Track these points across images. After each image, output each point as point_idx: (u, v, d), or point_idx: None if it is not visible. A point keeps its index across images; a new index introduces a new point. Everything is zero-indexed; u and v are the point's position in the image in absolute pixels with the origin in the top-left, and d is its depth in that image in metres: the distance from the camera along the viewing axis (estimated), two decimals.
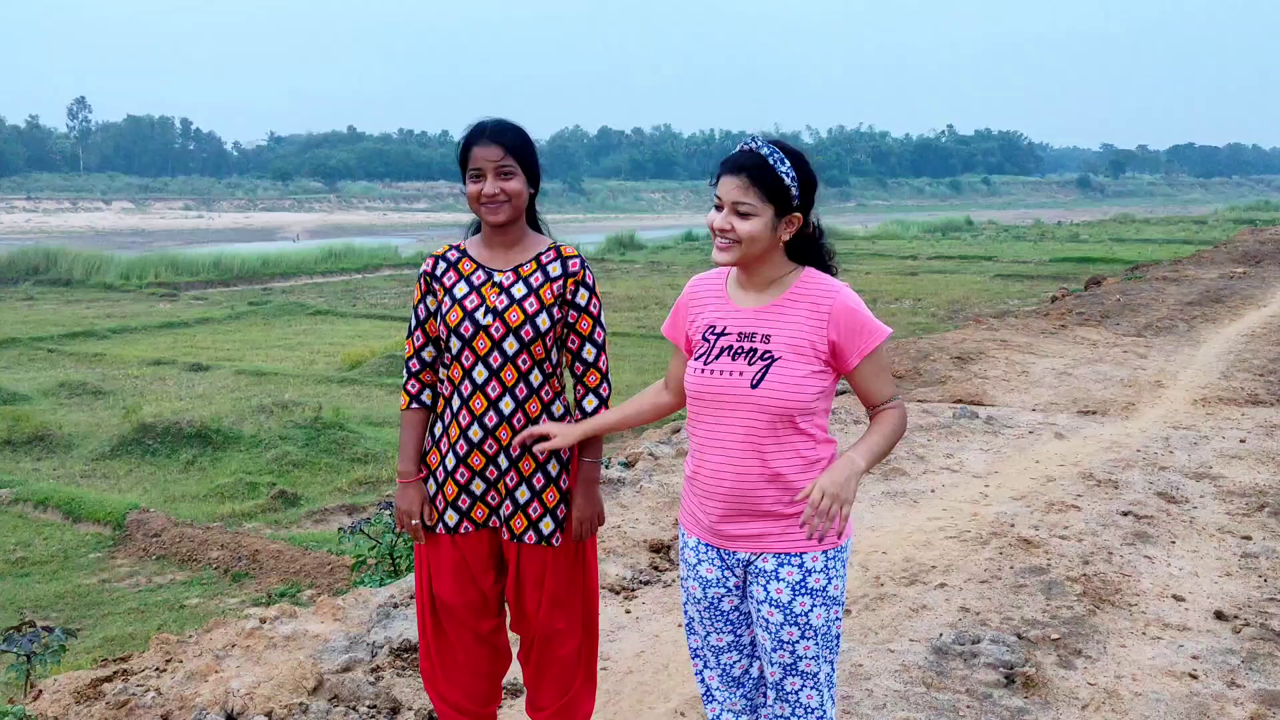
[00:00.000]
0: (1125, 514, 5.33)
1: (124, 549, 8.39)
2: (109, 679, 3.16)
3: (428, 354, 2.75)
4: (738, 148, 2.32)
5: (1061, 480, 5.94)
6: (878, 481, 5.86)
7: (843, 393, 8.31)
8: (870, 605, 4.09)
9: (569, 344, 2.73)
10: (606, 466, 6.04)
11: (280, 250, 32.67)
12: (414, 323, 2.76)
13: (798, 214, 2.32)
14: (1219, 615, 4.15)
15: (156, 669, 3.17)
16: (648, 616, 4.03)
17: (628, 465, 6.10)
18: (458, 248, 2.77)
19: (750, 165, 2.26)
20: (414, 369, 2.76)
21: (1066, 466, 6.26)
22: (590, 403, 2.73)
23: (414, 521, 2.71)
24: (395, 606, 3.77)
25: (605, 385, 2.76)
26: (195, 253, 30.03)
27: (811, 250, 2.39)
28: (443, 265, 2.74)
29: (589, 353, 2.73)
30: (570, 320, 2.70)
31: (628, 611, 4.05)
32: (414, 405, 2.77)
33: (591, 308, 2.72)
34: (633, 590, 4.22)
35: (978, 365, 9.51)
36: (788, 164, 2.28)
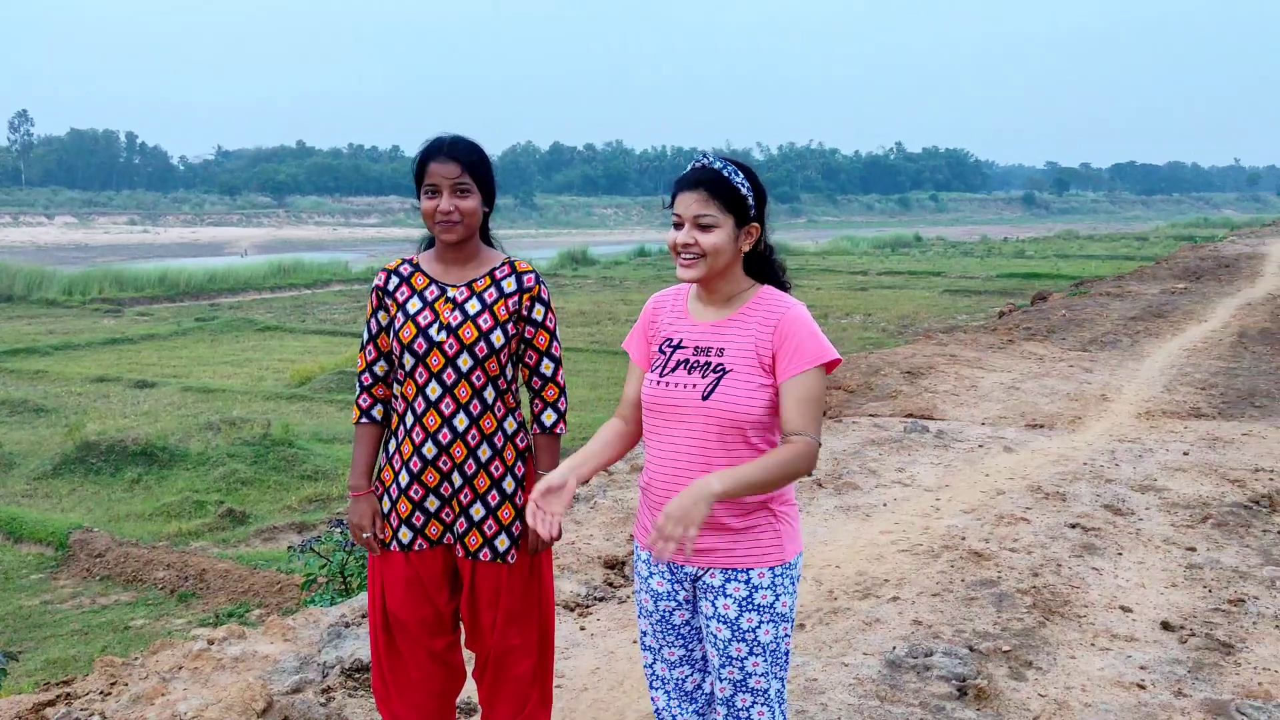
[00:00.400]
0: (1073, 526, 5.42)
1: (67, 569, 8.21)
2: (51, 703, 3.07)
3: (380, 368, 2.73)
4: (690, 165, 2.36)
5: (1011, 493, 6.02)
6: (830, 495, 5.90)
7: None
8: (824, 619, 4.11)
9: (526, 359, 2.72)
10: None
11: (228, 265, 32.27)
12: (366, 337, 2.74)
13: (755, 224, 2.35)
14: (1165, 626, 4.22)
15: (101, 692, 3.09)
16: (603, 633, 4.00)
17: (583, 482, 6.07)
18: (410, 261, 2.76)
19: (707, 179, 2.30)
20: (366, 383, 2.74)
21: (1015, 479, 6.35)
22: (549, 417, 2.73)
23: (365, 535, 2.68)
24: (346, 626, 3.71)
25: (563, 399, 2.77)
26: (140, 268, 29.56)
27: (764, 266, 2.42)
28: (395, 280, 2.72)
29: (546, 367, 2.73)
30: (527, 336, 2.70)
31: (583, 628, 4.02)
32: (365, 420, 2.75)
33: (548, 323, 2.72)
34: (588, 607, 4.19)
35: (928, 380, 9.61)
36: (741, 175, 2.32)
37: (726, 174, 2.30)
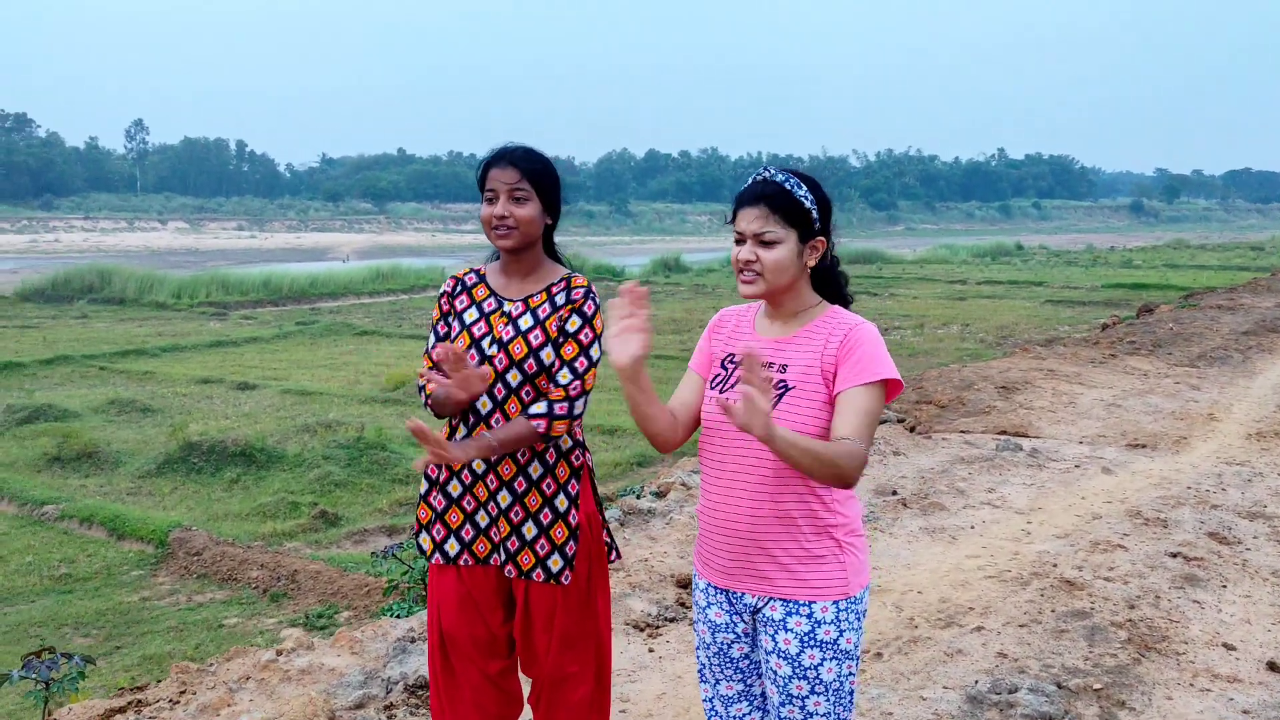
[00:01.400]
0: (1174, 555, 5.17)
1: (166, 567, 8.46)
2: (122, 710, 3.14)
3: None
4: (752, 178, 2.28)
5: (1108, 518, 5.78)
6: (915, 516, 5.73)
7: (882, 422, 8.19)
8: (903, 649, 3.97)
9: (551, 366, 2.58)
10: (638, 496, 5.97)
11: (329, 270, 33.07)
12: (432, 340, 2.72)
13: (821, 238, 2.28)
14: (1272, 666, 3.98)
15: (170, 700, 3.15)
16: (671, 656, 3.93)
17: (659, 495, 6.01)
18: (477, 271, 2.74)
19: (769, 194, 2.22)
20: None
21: (1113, 503, 6.09)
22: (538, 407, 2.54)
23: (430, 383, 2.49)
24: (413, 640, 3.71)
25: (563, 406, 2.54)
26: (245, 272, 30.48)
27: (833, 284, 2.34)
28: (460, 288, 2.71)
29: (564, 376, 2.56)
30: (557, 342, 2.60)
31: (650, 650, 3.94)
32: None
33: (582, 336, 2.59)
34: (657, 628, 4.11)
35: (1023, 395, 9.32)
36: (804, 188, 2.24)
37: (789, 187, 2.22)
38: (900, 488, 6.23)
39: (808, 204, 2.23)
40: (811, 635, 2.20)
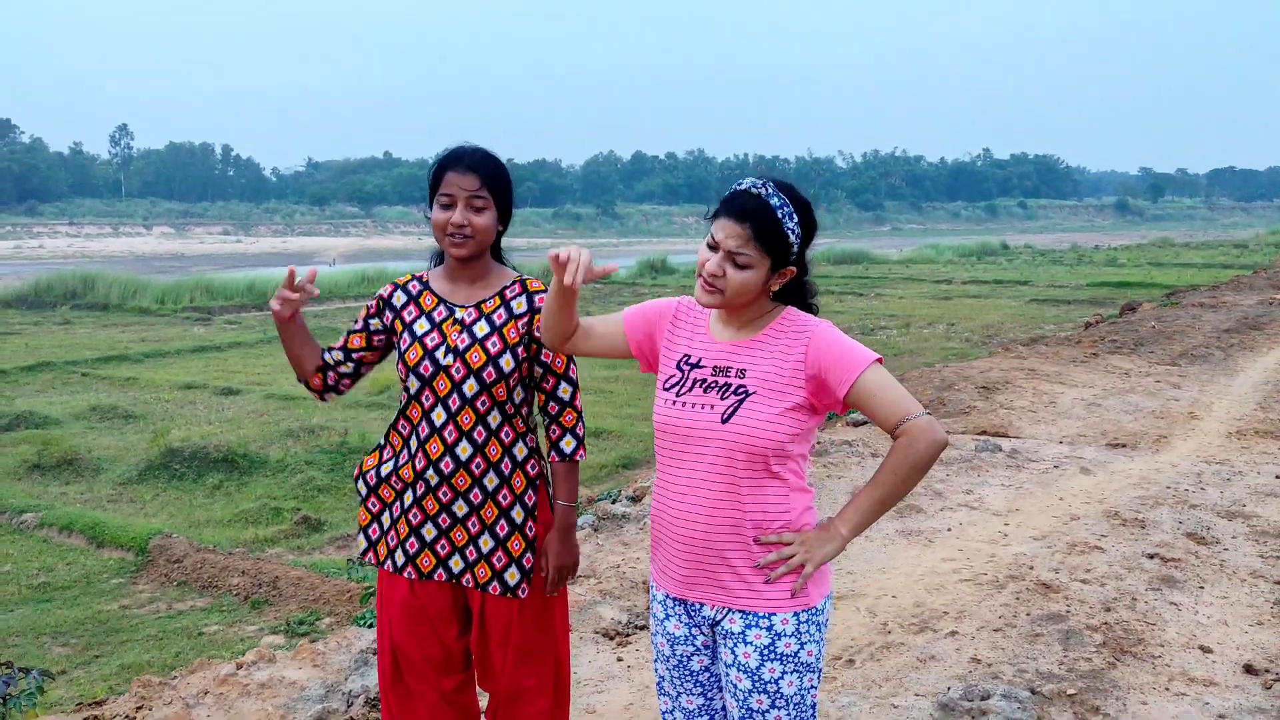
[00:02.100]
0: (1151, 556, 5.17)
1: (146, 574, 8.40)
2: None
3: (336, 355, 2.65)
4: (742, 186, 2.17)
5: (1085, 519, 5.78)
6: (891, 519, 5.72)
7: (860, 423, 8.18)
8: (875, 655, 3.96)
9: (543, 384, 2.60)
10: (613, 501, 5.95)
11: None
12: (354, 327, 2.68)
13: (792, 268, 2.21)
14: (1249, 669, 3.98)
15: (127, 716, 3.11)
16: (640, 665, 3.88)
17: (634, 500, 5.99)
18: (420, 279, 2.67)
19: (756, 215, 2.11)
20: (333, 349, 2.67)
21: (1092, 504, 6.09)
22: (568, 443, 2.61)
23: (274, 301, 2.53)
24: (375, 653, 3.65)
25: (581, 424, 2.64)
26: (230, 277, 30.36)
27: (794, 290, 2.28)
28: (402, 297, 2.63)
29: (564, 391, 2.61)
30: (543, 359, 2.58)
31: (619, 659, 3.89)
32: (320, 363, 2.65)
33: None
34: (627, 636, 4.07)
35: (1004, 395, 9.33)
36: (795, 219, 2.15)
37: (780, 216, 2.12)
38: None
39: (792, 237, 2.15)
40: (771, 648, 2.16)
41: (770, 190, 2.14)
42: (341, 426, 12.07)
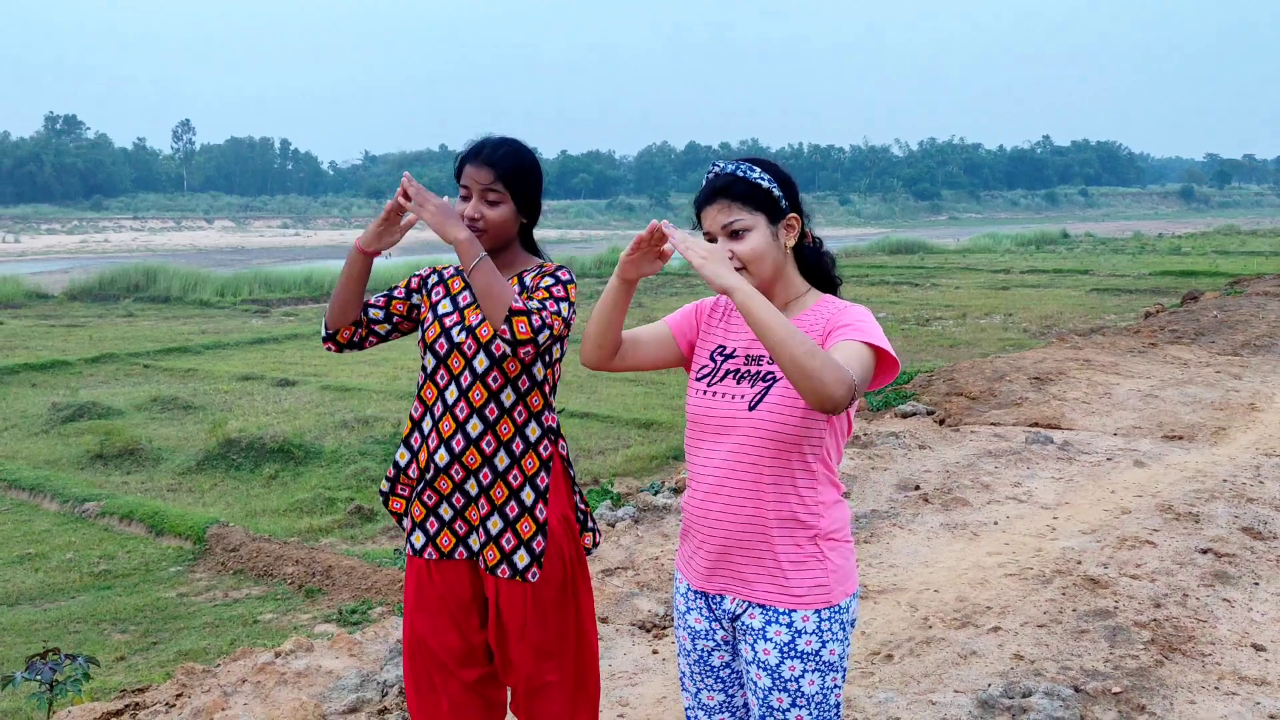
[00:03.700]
0: (1205, 551, 5.05)
1: (203, 563, 8.57)
2: (119, 713, 3.18)
3: (375, 313, 2.68)
4: (705, 180, 2.22)
5: (1137, 513, 5.66)
6: (936, 512, 5.65)
7: (909, 415, 8.10)
8: (915, 650, 3.91)
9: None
10: (655, 493, 5.94)
11: None
12: (389, 294, 2.71)
13: (793, 215, 2.20)
14: None
15: (167, 704, 3.18)
16: (675, 658, 3.84)
17: (676, 492, 5.97)
18: (457, 268, 2.71)
19: (723, 185, 2.16)
20: (373, 305, 2.69)
21: (1144, 497, 5.97)
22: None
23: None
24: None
25: (539, 315, 2.40)
26: (288, 269, 30.83)
27: (820, 269, 2.26)
28: (435, 278, 2.69)
29: (540, 295, 2.49)
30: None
31: (654, 652, 3.88)
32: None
33: (552, 289, 2.49)
34: (663, 629, 4.06)
35: (1057, 386, 9.17)
36: (758, 170, 2.17)
37: (741, 173, 2.15)
38: (923, 482, 6.14)
39: (765, 184, 2.15)
40: (791, 645, 2.13)
41: (724, 163, 2.20)
42: (395, 417, 12.21)
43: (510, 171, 2.54)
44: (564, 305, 2.48)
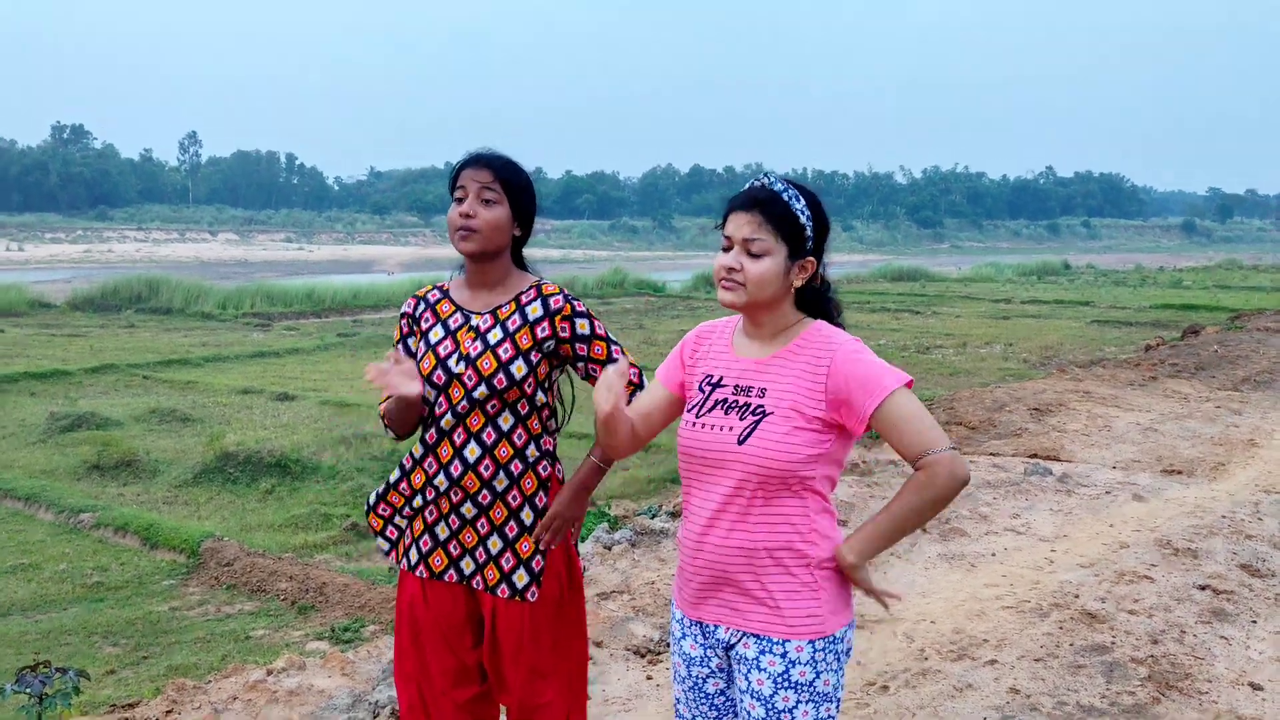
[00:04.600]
0: (1203, 588, 5.03)
1: (197, 577, 8.53)
2: None
3: None
4: (748, 184, 2.18)
5: (1136, 547, 5.65)
6: (934, 542, 5.64)
7: None
8: (910, 681, 3.89)
9: (592, 373, 2.58)
10: (652, 516, 5.92)
11: (372, 282, 33.41)
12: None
13: (811, 258, 2.17)
14: None
15: (157, 719, 3.15)
16: (670, 685, 3.82)
17: (674, 516, 5.96)
18: (440, 288, 2.69)
19: (764, 200, 2.12)
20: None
21: (1143, 531, 5.96)
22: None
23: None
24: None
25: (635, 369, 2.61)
26: (290, 284, 30.87)
27: (819, 303, 2.24)
28: (422, 306, 2.66)
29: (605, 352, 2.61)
30: (580, 353, 2.57)
31: (649, 678, 3.86)
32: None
33: (598, 330, 2.58)
34: (658, 654, 4.03)
35: (1056, 418, 9.17)
36: (803, 201, 2.14)
37: (786, 198, 2.12)
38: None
39: (803, 219, 2.13)
40: (786, 676, 2.12)
41: (773, 179, 2.16)
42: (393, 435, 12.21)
43: (508, 174, 2.55)
44: (612, 336, 2.61)
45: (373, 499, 2.72)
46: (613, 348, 2.59)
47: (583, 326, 2.56)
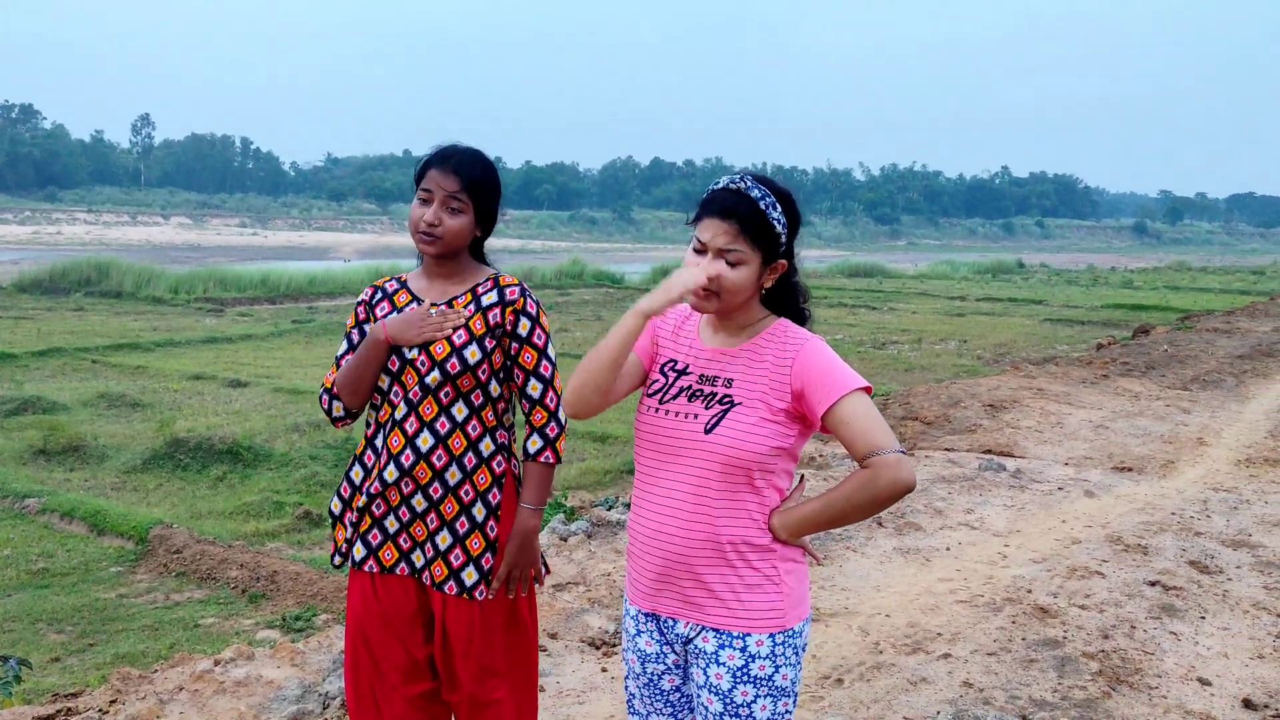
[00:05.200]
0: (1153, 584, 5.10)
1: (145, 564, 8.39)
2: (50, 718, 3.07)
3: None
4: (723, 184, 2.13)
5: (1087, 543, 5.72)
6: (889, 536, 5.67)
7: None
8: (865, 675, 3.91)
9: (514, 378, 2.56)
10: (609, 508, 5.90)
11: (327, 269, 33.04)
12: (344, 348, 2.62)
13: (783, 260, 2.16)
14: (1248, 704, 3.91)
15: (100, 710, 3.08)
16: (624, 677, 3.81)
17: (629, 507, 5.93)
18: (398, 279, 2.66)
19: (741, 211, 2.08)
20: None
21: (1094, 528, 6.03)
22: (534, 443, 2.55)
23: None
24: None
25: (553, 424, 2.56)
26: (244, 269, 30.46)
27: (786, 295, 2.22)
28: (379, 295, 2.63)
29: (534, 388, 2.55)
30: (512, 352, 2.54)
31: (604, 670, 3.83)
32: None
33: (535, 338, 2.54)
34: (613, 646, 4.01)
35: (1010, 414, 9.27)
36: (779, 209, 2.11)
37: (764, 207, 2.08)
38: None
39: (779, 228, 2.11)
40: (745, 670, 2.10)
41: (750, 183, 2.11)
42: None
43: (477, 184, 2.51)
44: (550, 350, 2.58)
45: (338, 508, 2.63)
46: (543, 363, 2.54)
47: (524, 327, 2.53)
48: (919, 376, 14.40)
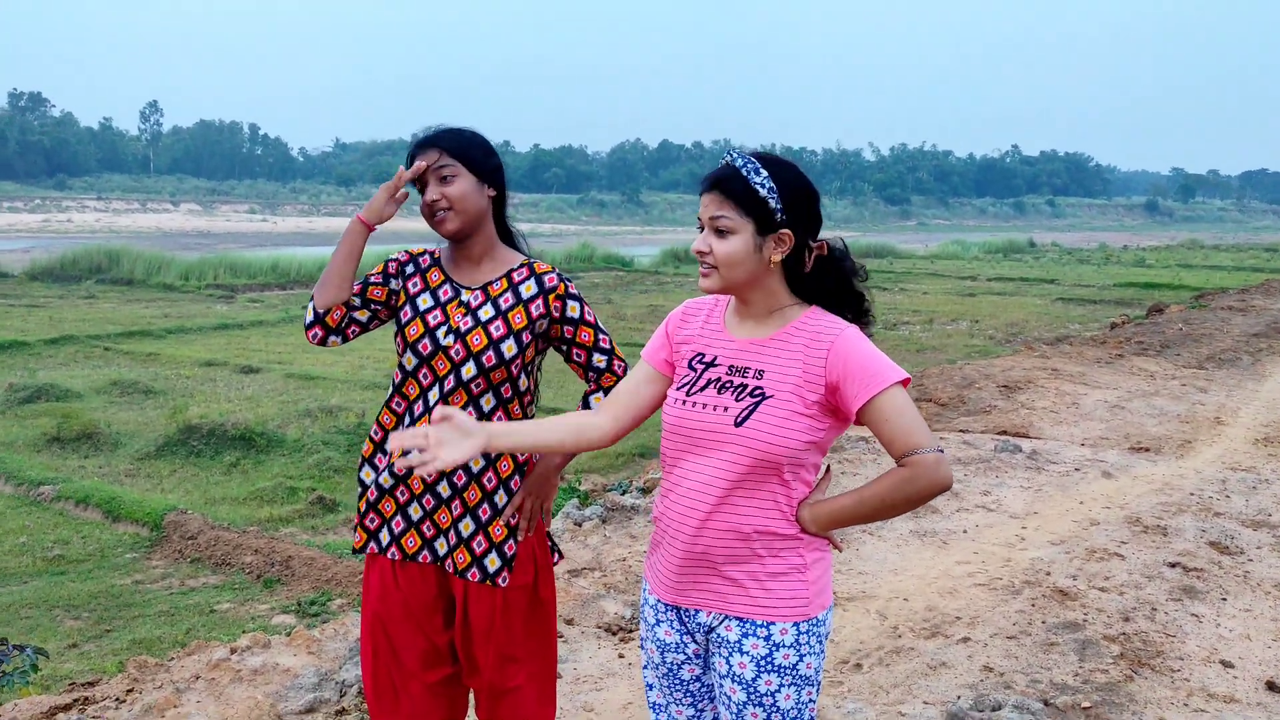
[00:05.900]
0: (1173, 565, 5.06)
1: (160, 550, 8.41)
2: (67, 707, 3.07)
3: (354, 300, 2.59)
4: (719, 163, 2.12)
5: (1106, 524, 5.67)
6: (906, 519, 5.62)
7: None
8: (885, 659, 3.87)
9: (575, 358, 2.55)
10: (623, 492, 5.88)
11: None
12: (366, 281, 2.60)
13: (786, 230, 2.07)
14: (1271, 686, 3.87)
15: (117, 699, 3.07)
16: (642, 663, 3.79)
17: (645, 492, 5.91)
18: (432, 253, 2.63)
19: (723, 178, 2.05)
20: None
21: (1113, 509, 5.98)
22: (598, 399, 2.57)
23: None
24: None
25: (613, 358, 2.61)
26: (254, 255, 30.47)
27: (819, 283, 2.14)
28: (412, 267, 2.60)
29: (599, 360, 2.56)
30: (567, 335, 2.53)
31: (620, 656, 3.80)
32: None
33: (587, 316, 2.55)
34: (630, 632, 3.98)
35: (1025, 395, 9.20)
36: (764, 174, 2.04)
37: (745, 172, 2.03)
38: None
39: (763, 191, 2.03)
40: (769, 659, 2.06)
41: (736, 155, 2.09)
42: (359, 408, 12.06)
43: (456, 144, 2.48)
44: (600, 324, 2.58)
45: (363, 507, 2.62)
46: (600, 336, 2.56)
47: (573, 309, 2.53)
48: (931, 357, 14.33)
